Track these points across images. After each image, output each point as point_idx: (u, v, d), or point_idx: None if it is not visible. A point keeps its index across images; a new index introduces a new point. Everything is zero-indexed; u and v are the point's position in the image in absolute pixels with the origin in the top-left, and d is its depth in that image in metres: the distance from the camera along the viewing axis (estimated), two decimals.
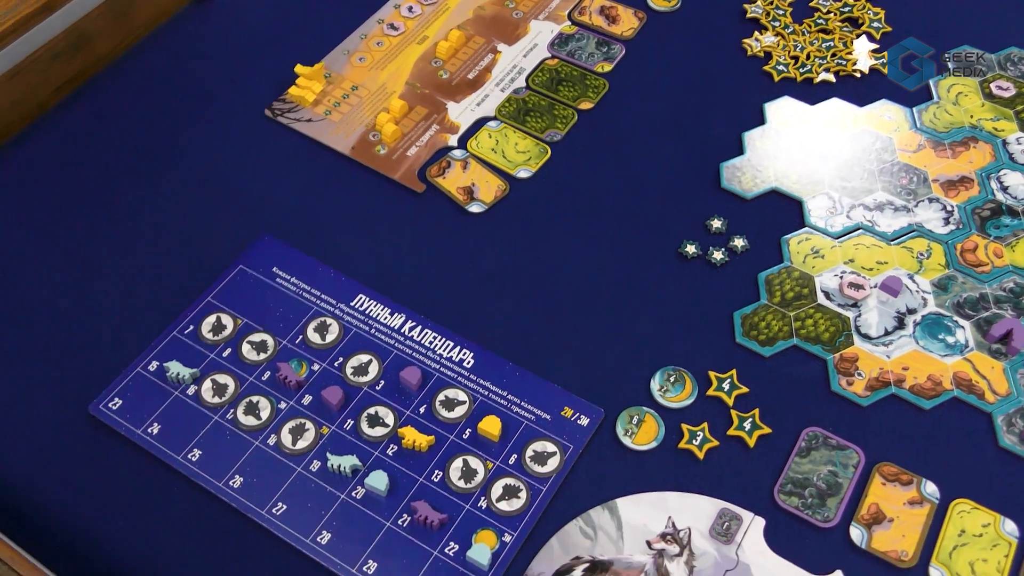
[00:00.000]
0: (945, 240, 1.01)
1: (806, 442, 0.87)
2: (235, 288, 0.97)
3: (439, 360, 0.93)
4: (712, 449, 0.87)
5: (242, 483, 0.85)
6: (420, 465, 0.86)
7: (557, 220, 1.03)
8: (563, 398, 0.90)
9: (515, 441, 0.87)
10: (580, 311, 0.96)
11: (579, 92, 1.15)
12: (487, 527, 0.83)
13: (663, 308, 0.96)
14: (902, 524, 0.82)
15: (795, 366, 0.92)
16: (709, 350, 0.94)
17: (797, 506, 0.84)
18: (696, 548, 0.81)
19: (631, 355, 0.93)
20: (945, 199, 1.04)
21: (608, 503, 0.84)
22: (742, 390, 0.91)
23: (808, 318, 0.95)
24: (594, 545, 0.82)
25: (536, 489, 0.85)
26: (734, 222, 1.03)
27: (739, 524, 0.83)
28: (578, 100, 1.14)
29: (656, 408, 0.90)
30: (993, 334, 0.93)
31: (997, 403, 0.89)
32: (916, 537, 0.82)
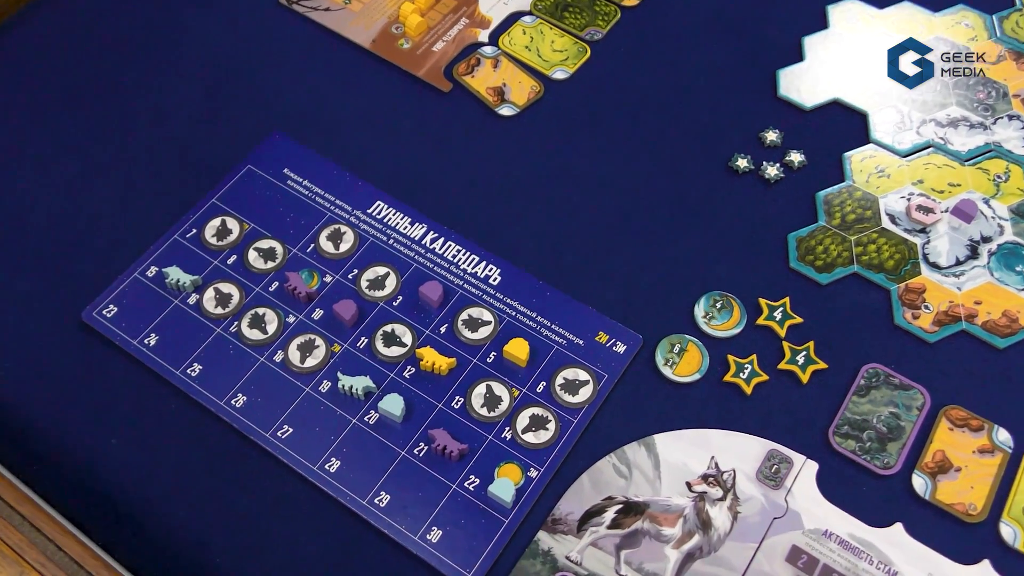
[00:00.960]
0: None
1: (865, 380, 0.79)
2: (243, 190, 0.89)
3: (463, 276, 0.84)
4: (761, 384, 0.79)
5: (245, 402, 0.77)
6: (439, 390, 0.78)
7: (595, 126, 0.94)
8: (598, 322, 0.82)
9: (544, 367, 0.79)
10: (618, 228, 0.87)
11: None
12: (511, 460, 0.75)
13: (710, 227, 0.87)
14: (970, 474, 0.74)
15: (855, 295, 0.83)
16: (760, 275, 0.85)
17: (854, 450, 0.76)
18: (741, 492, 0.74)
19: (674, 278, 0.84)
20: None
21: (645, 439, 0.76)
22: (795, 320, 0.82)
23: (871, 243, 0.86)
24: (628, 484, 0.74)
25: (566, 420, 0.77)
26: (790, 135, 0.93)
27: (789, 467, 0.75)
28: None
29: (700, 337, 0.82)
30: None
31: None
32: (986, 489, 0.74)
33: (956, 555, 0.71)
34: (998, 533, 0.72)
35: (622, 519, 0.73)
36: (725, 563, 0.71)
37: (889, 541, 0.72)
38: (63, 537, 0.70)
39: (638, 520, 0.73)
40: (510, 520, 0.73)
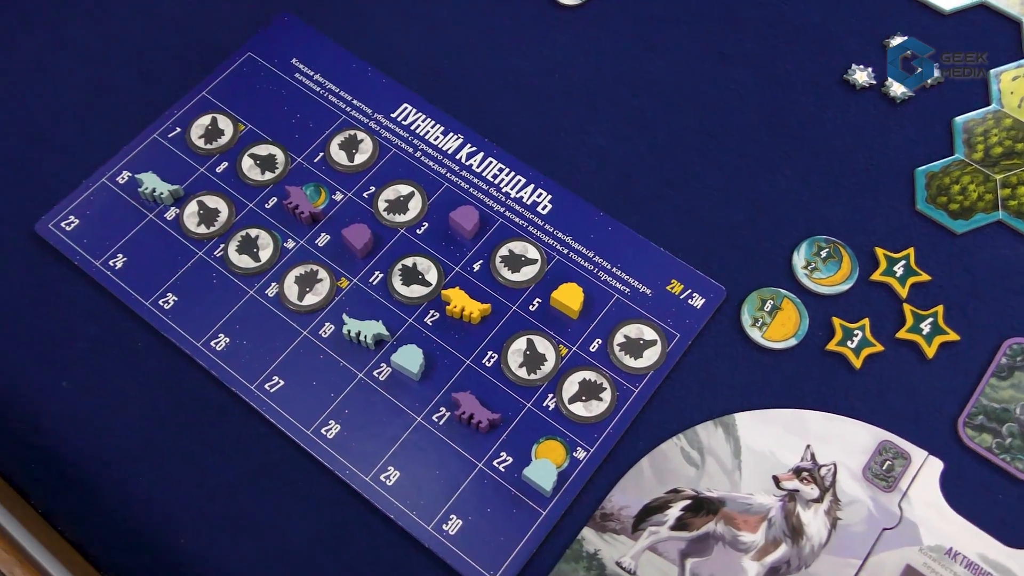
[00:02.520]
0: None
1: (1008, 358, 0.62)
2: (240, 82, 0.73)
3: (505, 201, 0.68)
4: (874, 356, 0.63)
5: (228, 345, 0.63)
6: (469, 343, 0.63)
7: (679, 23, 0.76)
8: (672, 267, 0.65)
9: (601, 321, 0.63)
10: (702, 152, 0.70)
11: None
12: (554, 436, 0.60)
13: (817, 156, 0.70)
14: None
15: (999, 249, 0.66)
16: (878, 219, 0.68)
17: (990, 447, 0.59)
18: (843, 493, 0.58)
19: (769, 217, 0.68)
20: None
21: (723, 418, 0.60)
22: (922, 277, 0.65)
23: (1021, 184, 0.68)
24: (700, 475, 0.59)
25: (625, 390, 0.61)
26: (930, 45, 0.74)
27: (906, 465, 0.59)
28: None
29: (799, 292, 0.65)
30: None
31: None
32: None
33: None
34: None
35: (690, 519, 0.57)
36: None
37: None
38: None
39: (710, 521, 0.57)
40: (548, 512, 0.58)
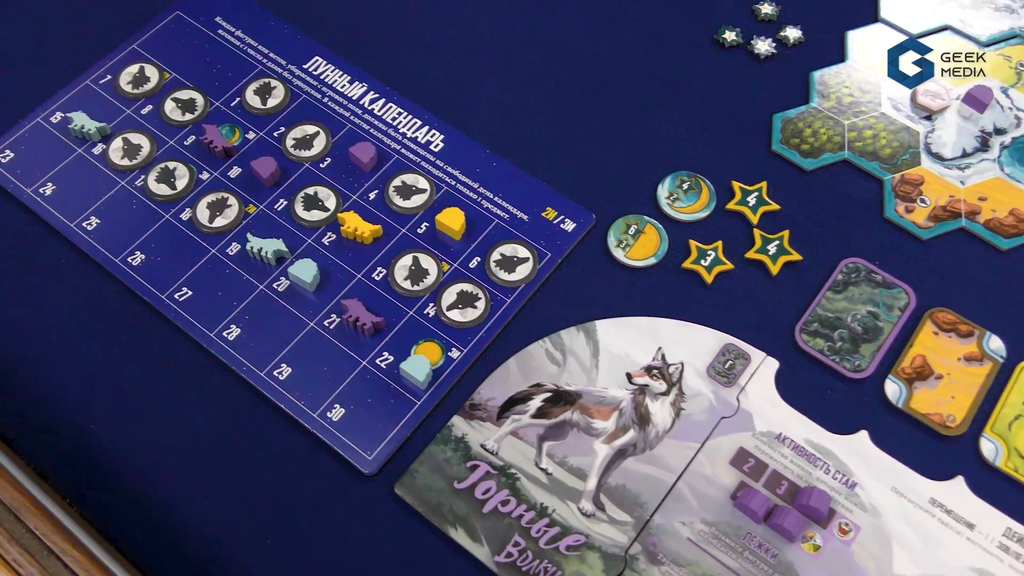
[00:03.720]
0: None
1: (844, 275, 0.69)
2: (167, 37, 0.80)
3: (401, 140, 0.75)
4: (724, 273, 0.70)
5: (143, 261, 0.69)
6: (361, 259, 0.70)
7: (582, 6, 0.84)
8: (547, 197, 0.73)
9: (481, 242, 0.70)
10: (582, 98, 0.78)
11: None
12: (432, 339, 0.67)
13: (685, 103, 0.77)
14: (953, 383, 0.65)
15: (843, 184, 0.73)
16: (737, 157, 0.75)
17: (822, 350, 0.66)
18: (688, 387, 0.65)
19: (640, 156, 0.75)
20: None
21: (585, 324, 0.67)
22: (771, 206, 0.72)
23: (867, 128, 0.76)
24: (561, 372, 0.65)
25: (498, 299, 0.68)
26: (788, 7, 0.82)
27: (746, 364, 0.65)
28: None
29: (661, 219, 0.72)
30: None
31: None
32: (969, 401, 0.64)
33: (926, 469, 0.62)
34: (977, 448, 0.63)
35: (549, 408, 0.64)
36: (661, 462, 0.62)
37: (851, 450, 0.63)
38: None
39: (567, 411, 0.64)
40: (423, 402, 0.64)
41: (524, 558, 0.59)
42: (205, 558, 0.60)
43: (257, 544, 0.60)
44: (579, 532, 0.60)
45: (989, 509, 0.61)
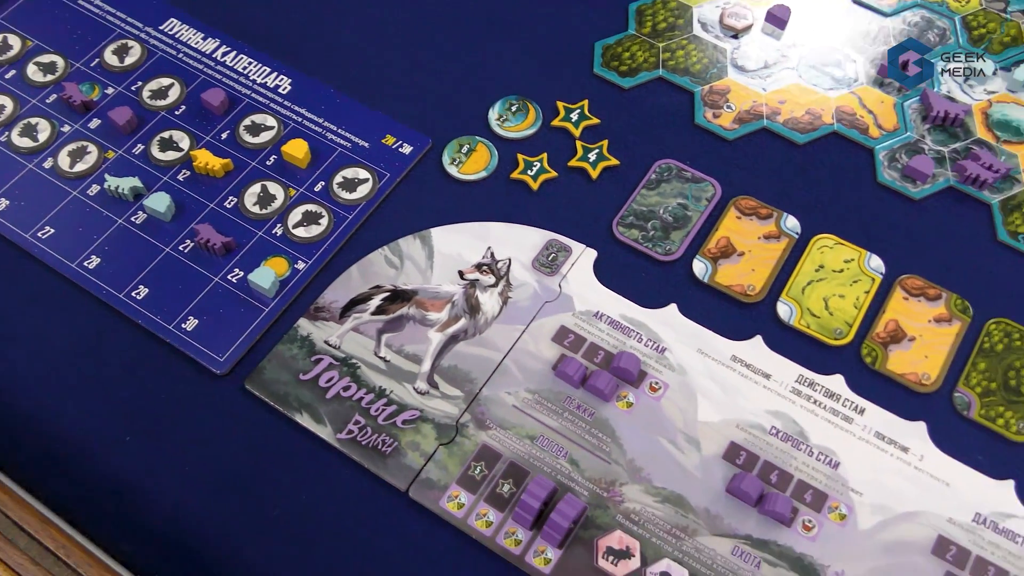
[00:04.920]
0: None
1: (657, 174, 0.76)
2: (31, 10, 0.85)
3: (251, 86, 0.81)
4: (549, 180, 0.76)
5: (7, 206, 0.74)
6: (213, 191, 0.75)
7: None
8: (386, 125, 0.79)
9: (325, 168, 0.76)
10: (417, 36, 0.84)
11: None
12: (279, 254, 0.72)
13: (513, 35, 0.84)
14: (753, 259, 0.72)
15: (657, 98, 0.80)
16: (562, 81, 0.82)
17: (637, 239, 0.73)
18: (515, 279, 0.71)
19: (471, 84, 0.81)
20: None
21: (422, 232, 0.73)
22: (592, 121, 0.79)
23: (679, 49, 0.83)
24: (399, 274, 0.71)
25: (341, 216, 0.74)
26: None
27: (567, 255, 0.72)
28: None
29: (492, 139, 0.78)
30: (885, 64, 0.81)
31: (881, 138, 0.78)
32: (767, 271, 0.71)
33: (729, 332, 0.69)
34: (774, 311, 0.69)
35: (387, 305, 0.70)
36: (490, 344, 0.68)
37: (662, 321, 0.69)
38: None
39: (404, 306, 0.70)
40: (270, 309, 0.70)
41: (364, 433, 0.65)
42: (70, 455, 0.64)
43: (119, 443, 0.65)
44: (415, 408, 0.66)
45: (784, 361, 0.67)
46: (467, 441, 0.64)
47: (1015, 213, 0.74)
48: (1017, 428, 0.65)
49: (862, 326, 0.69)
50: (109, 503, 0.63)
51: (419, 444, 0.64)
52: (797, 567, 0.60)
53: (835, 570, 0.60)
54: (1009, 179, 0.75)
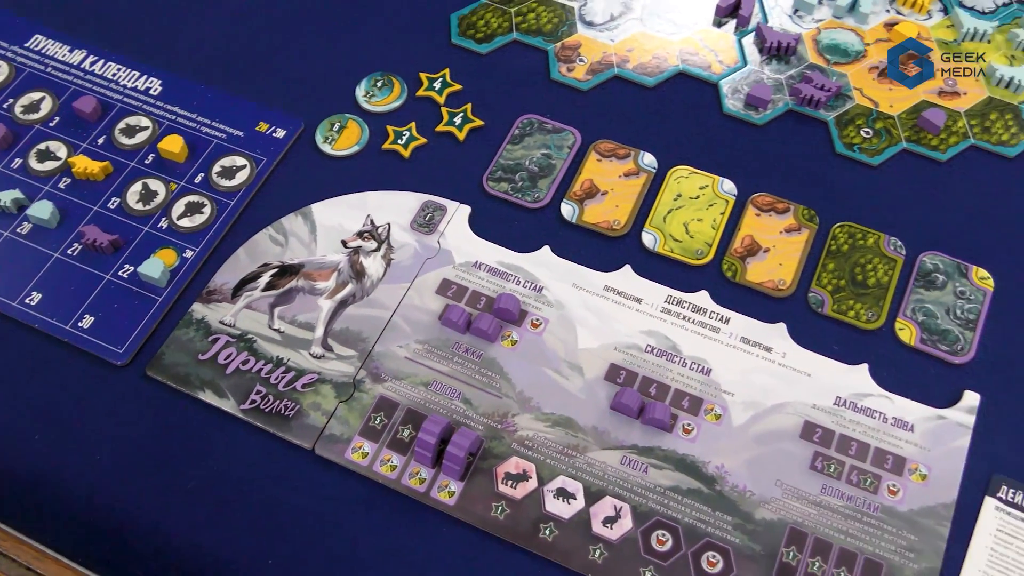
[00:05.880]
0: None
1: (520, 129, 0.80)
2: None
3: (123, 91, 0.83)
4: (419, 147, 0.80)
5: None
6: (95, 194, 0.78)
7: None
8: (259, 113, 0.82)
9: (203, 160, 0.79)
10: (282, 25, 0.88)
11: None
12: (167, 246, 0.75)
13: (372, 15, 0.88)
14: (616, 196, 0.77)
15: (514, 60, 0.85)
16: (422, 53, 0.86)
17: (506, 191, 0.77)
18: (395, 241, 0.75)
19: (337, 65, 0.85)
20: None
21: (302, 209, 0.77)
22: (455, 87, 0.83)
23: (530, 12, 0.88)
24: (284, 251, 0.75)
25: (223, 204, 0.77)
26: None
27: (443, 214, 0.76)
28: None
29: (361, 114, 0.82)
30: (722, 5, 0.86)
31: (723, 72, 0.83)
32: (630, 206, 0.76)
33: (600, 265, 0.73)
34: (640, 241, 0.75)
35: (276, 280, 0.73)
36: (378, 304, 0.72)
37: (537, 262, 0.74)
38: None
39: (293, 279, 0.73)
40: (163, 298, 0.73)
41: (266, 401, 0.68)
42: None
43: (27, 440, 0.67)
44: (312, 372, 0.69)
45: (652, 285, 0.73)
46: (365, 396, 0.68)
47: (849, 127, 0.80)
48: (867, 317, 0.71)
49: (720, 244, 0.74)
50: (29, 497, 0.65)
51: (320, 404, 0.68)
52: (681, 467, 0.65)
53: (715, 464, 0.65)
54: (841, 96, 0.82)
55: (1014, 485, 0.65)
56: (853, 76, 0.83)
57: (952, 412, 0.67)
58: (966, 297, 0.72)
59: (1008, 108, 0.81)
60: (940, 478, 0.65)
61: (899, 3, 0.87)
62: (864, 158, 0.78)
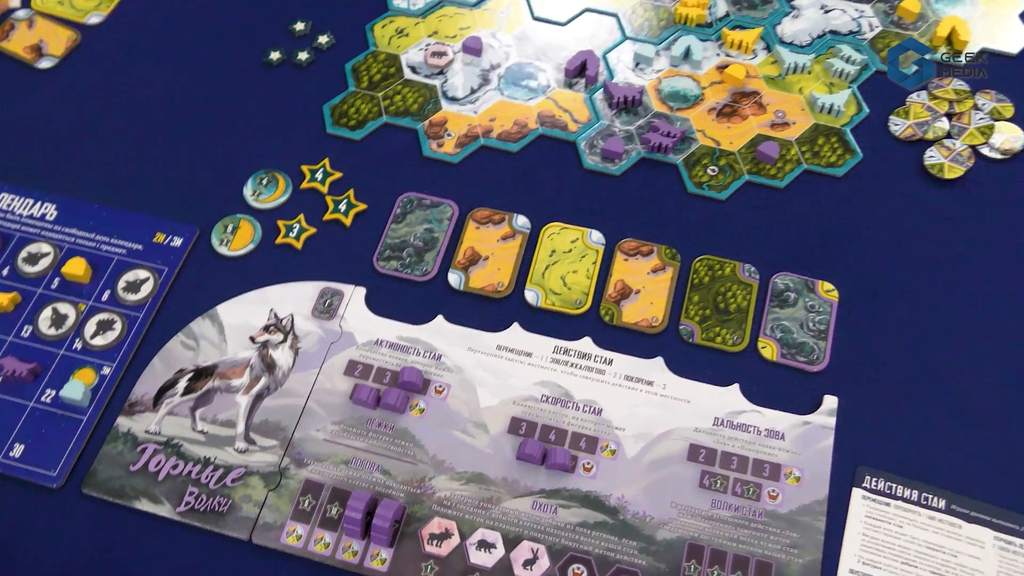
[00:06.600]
0: None
1: (401, 208, 0.87)
2: None
3: (19, 219, 0.87)
4: (310, 237, 0.86)
5: None
6: (7, 325, 0.82)
7: (136, 56, 0.99)
8: (154, 224, 0.87)
9: (107, 278, 0.84)
10: (167, 136, 0.93)
11: None
12: (85, 366, 0.79)
13: (252, 118, 0.94)
14: (496, 259, 0.84)
15: (387, 142, 0.92)
16: (301, 147, 0.92)
17: (396, 268, 0.84)
18: (300, 331, 0.80)
19: (222, 167, 0.90)
20: None
21: (208, 312, 0.82)
22: (336, 175, 0.89)
23: (396, 94, 0.94)
24: (197, 354, 0.80)
25: (132, 317, 0.82)
26: (315, 20, 1.00)
27: (341, 298, 0.82)
28: None
29: (252, 213, 0.88)
30: (569, 68, 0.94)
31: (579, 130, 0.91)
32: (510, 267, 0.83)
33: (490, 326, 0.81)
34: (524, 299, 0.82)
35: (193, 384, 0.78)
36: (292, 392, 0.78)
37: (433, 332, 0.80)
38: None
39: (209, 381, 0.79)
40: (88, 416, 0.77)
41: (200, 501, 0.73)
42: None
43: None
44: (239, 466, 0.75)
45: (540, 338, 0.80)
46: (291, 481, 0.74)
47: (696, 167, 0.89)
48: (732, 341, 0.80)
49: (596, 292, 0.82)
50: None
51: (251, 496, 0.73)
52: (586, 503, 0.73)
53: (616, 496, 0.73)
54: (686, 140, 0.90)
55: (876, 474, 0.74)
56: (695, 119, 0.92)
57: (815, 417, 0.76)
58: (816, 310, 0.81)
59: (833, 132, 0.91)
60: (812, 478, 0.74)
61: (727, 46, 0.97)
62: (713, 194, 0.87)
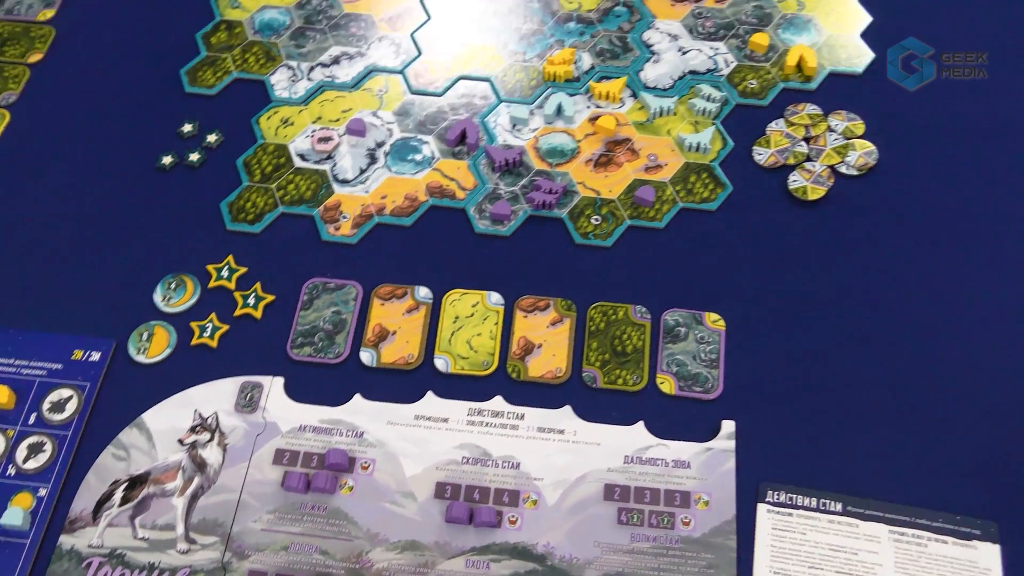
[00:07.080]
0: (399, 71, 1.07)
1: (308, 294, 0.91)
2: None
3: None
4: (224, 334, 0.90)
5: None
6: None
7: (29, 173, 1.01)
8: (71, 342, 0.90)
9: (31, 401, 0.87)
10: (73, 251, 0.96)
11: (25, 47, 1.11)
12: (21, 491, 0.82)
13: (153, 223, 0.97)
14: (404, 332, 0.89)
15: (286, 231, 0.96)
16: (204, 247, 0.95)
17: (310, 354, 0.88)
18: (226, 427, 0.84)
19: (131, 277, 0.94)
20: (392, 33, 1.10)
21: (135, 421, 0.85)
22: (241, 270, 0.93)
23: (289, 184, 0.99)
24: (129, 464, 0.83)
25: (61, 437, 0.85)
26: (202, 120, 1.04)
27: (260, 390, 0.86)
28: (26, 55, 1.11)
29: (165, 318, 0.91)
30: (450, 138, 1.00)
31: (467, 197, 0.97)
32: (418, 338, 0.88)
33: (405, 398, 0.85)
34: (434, 367, 0.87)
35: (129, 493, 0.82)
36: (225, 488, 0.82)
37: (352, 411, 0.85)
38: None
39: (144, 488, 0.82)
40: (31, 540, 0.80)
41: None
42: None
43: None
44: (184, 567, 0.78)
45: (454, 403, 0.85)
46: (235, 574, 0.78)
47: (581, 218, 0.95)
48: (633, 381, 0.86)
49: (501, 352, 0.88)
50: None
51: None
52: (515, 554, 0.78)
53: (542, 544, 0.78)
54: (568, 193, 0.97)
55: (777, 488, 0.80)
56: (574, 172, 0.98)
57: (716, 442, 0.82)
58: (706, 341, 0.87)
59: (703, 168, 0.98)
60: (720, 500, 0.80)
61: (596, 98, 1.03)
62: (599, 242, 0.94)
